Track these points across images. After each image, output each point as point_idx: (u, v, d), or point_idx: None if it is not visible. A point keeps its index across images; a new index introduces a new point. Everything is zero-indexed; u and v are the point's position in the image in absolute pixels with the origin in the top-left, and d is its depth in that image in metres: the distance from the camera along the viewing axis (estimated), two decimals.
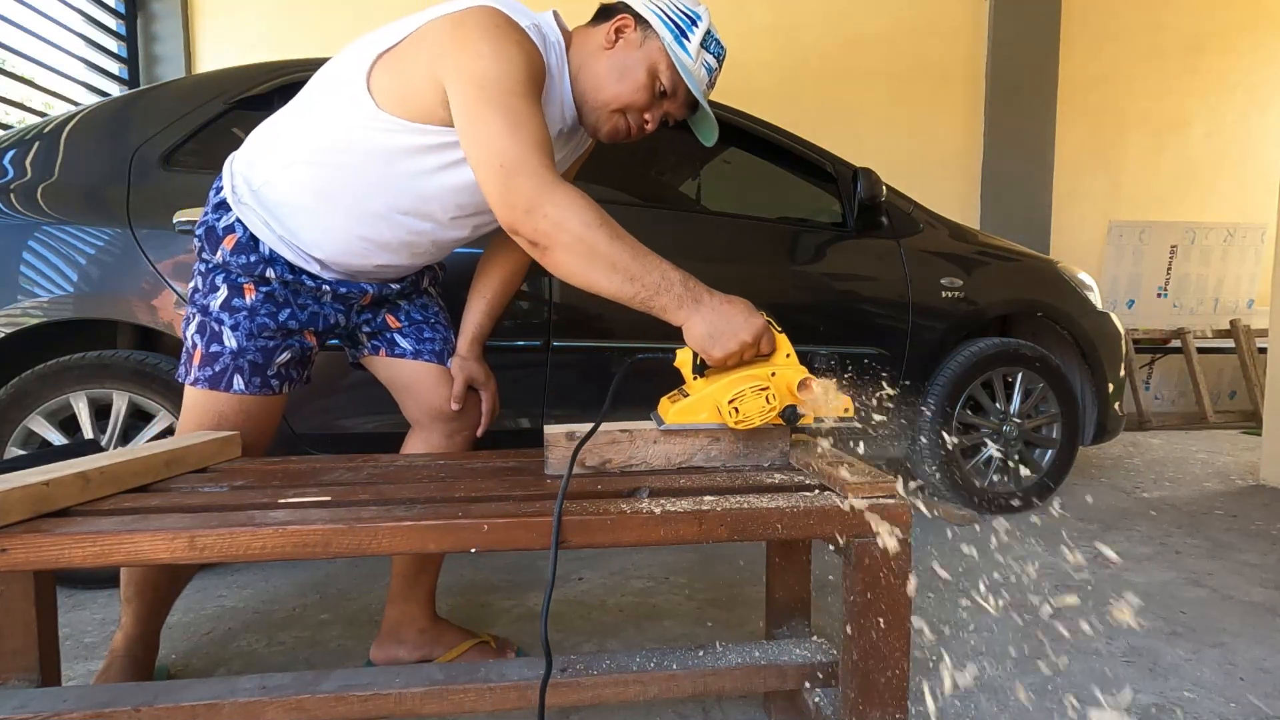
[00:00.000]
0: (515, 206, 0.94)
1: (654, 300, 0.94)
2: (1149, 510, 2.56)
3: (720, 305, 0.94)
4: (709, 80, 1.17)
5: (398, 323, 1.32)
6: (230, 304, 1.16)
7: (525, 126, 0.96)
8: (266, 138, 1.17)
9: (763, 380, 0.94)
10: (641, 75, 1.13)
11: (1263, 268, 4.93)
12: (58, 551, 0.71)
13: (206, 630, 1.58)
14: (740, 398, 0.94)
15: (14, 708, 0.79)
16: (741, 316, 0.94)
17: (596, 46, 1.14)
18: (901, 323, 2.35)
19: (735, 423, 0.94)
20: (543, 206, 0.93)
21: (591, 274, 0.94)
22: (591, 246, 0.93)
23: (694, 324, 0.94)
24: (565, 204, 0.93)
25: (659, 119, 1.19)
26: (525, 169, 0.94)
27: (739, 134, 2.38)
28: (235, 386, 1.16)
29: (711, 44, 1.15)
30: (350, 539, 0.74)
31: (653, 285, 0.94)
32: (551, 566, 0.78)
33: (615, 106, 1.15)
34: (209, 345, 1.16)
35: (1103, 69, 4.67)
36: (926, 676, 1.36)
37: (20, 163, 1.78)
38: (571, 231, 0.93)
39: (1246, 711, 1.24)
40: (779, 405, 0.95)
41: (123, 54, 3.91)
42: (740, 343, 0.93)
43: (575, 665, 0.90)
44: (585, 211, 0.93)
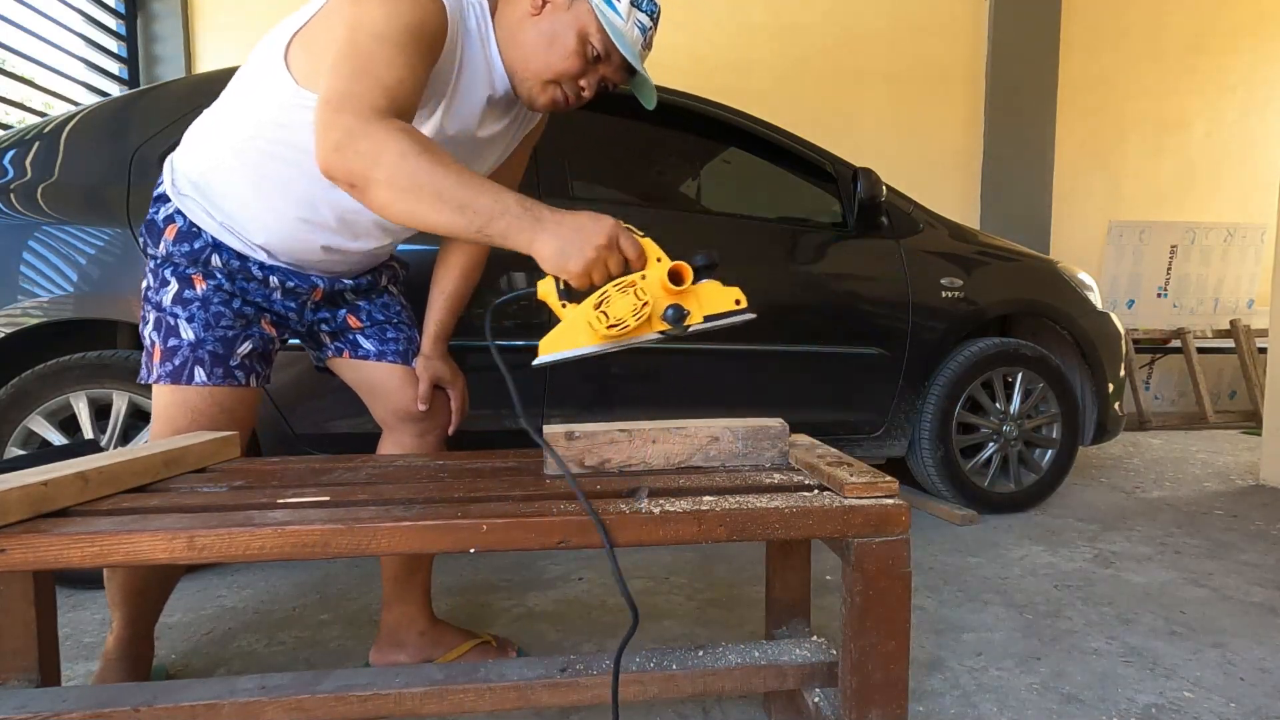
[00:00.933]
0: (327, 143, 0.88)
1: (491, 227, 0.87)
2: (1149, 510, 2.56)
3: (565, 218, 0.88)
4: (644, 40, 1.09)
5: (359, 323, 1.30)
6: (182, 297, 1.14)
7: (375, 70, 0.91)
8: (201, 131, 1.16)
9: (626, 280, 0.87)
10: (571, 41, 1.06)
11: (1263, 268, 4.93)
12: (57, 552, 0.70)
13: (206, 630, 1.58)
14: (606, 300, 0.86)
15: (14, 708, 0.78)
16: (591, 222, 0.87)
17: (523, 14, 1.07)
18: (901, 323, 2.35)
19: (608, 331, 0.86)
20: (354, 142, 0.87)
21: (417, 207, 0.87)
22: (411, 176, 0.86)
23: (541, 245, 0.87)
24: (381, 136, 0.87)
25: (596, 85, 1.12)
26: (349, 104, 0.88)
27: (739, 134, 2.38)
28: (198, 378, 1.13)
29: (643, 2, 1.07)
30: (349, 539, 0.74)
31: (486, 211, 0.86)
32: (610, 558, 0.77)
33: (548, 76, 1.08)
34: (166, 340, 1.14)
35: (1103, 69, 4.67)
36: (926, 676, 1.36)
37: (20, 163, 1.79)
38: (387, 164, 0.86)
39: (1246, 711, 1.24)
40: (654, 302, 0.87)
41: (123, 54, 3.91)
42: (595, 247, 0.86)
43: (575, 665, 0.90)
44: (403, 141, 0.86)
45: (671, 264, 0.89)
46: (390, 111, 0.90)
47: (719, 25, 4.27)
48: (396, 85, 0.92)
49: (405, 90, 0.93)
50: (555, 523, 0.77)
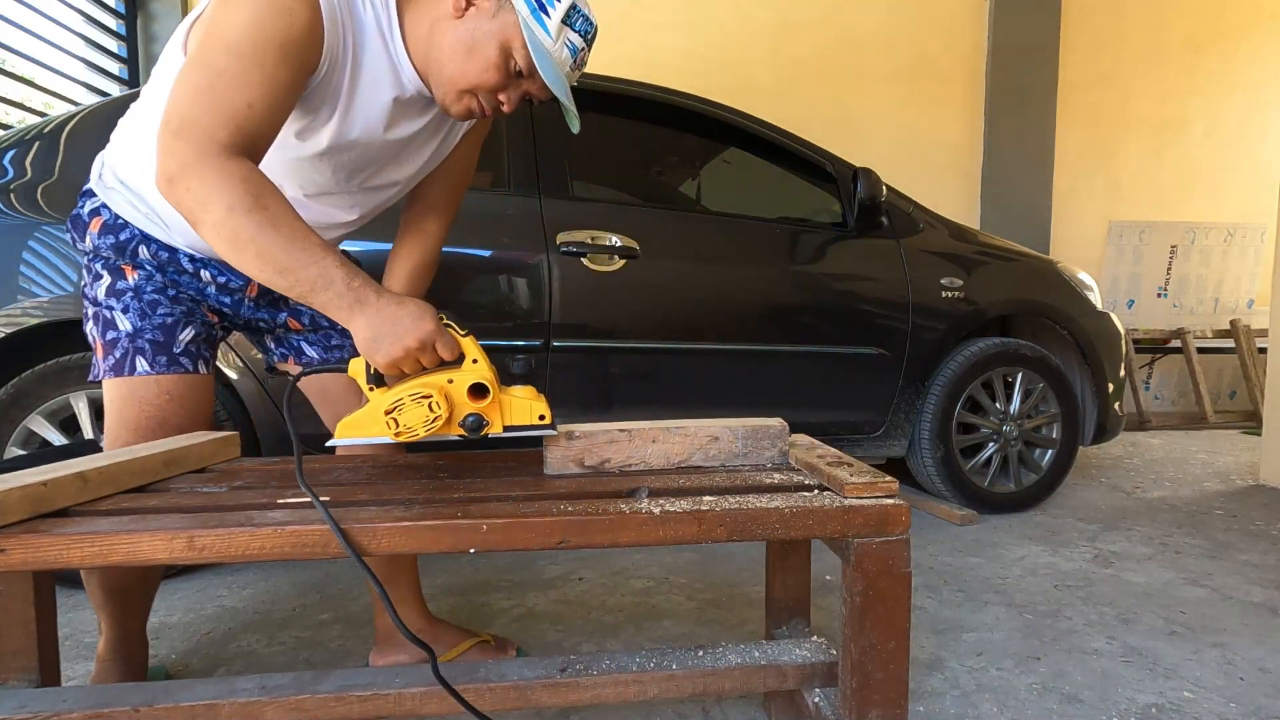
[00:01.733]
0: (161, 172, 0.86)
1: (312, 297, 0.87)
2: (1149, 510, 2.56)
3: (387, 307, 0.87)
4: (574, 61, 1.01)
5: (300, 326, 1.25)
6: (115, 288, 1.11)
7: (220, 88, 0.86)
8: (125, 126, 1.13)
9: (425, 389, 0.87)
10: (492, 53, 0.97)
11: (1263, 268, 4.93)
12: (56, 552, 0.71)
13: (206, 630, 1.58)
14: (399, 408, 0.87)
15: (14, 708, 0.79)
16: (410, 319, 0.86)
17: (444, 13, 0.99)
18: (901, 323, 2.35)
19: (396, 434, 0.87)
20: (187, 179, 0.84)
21: (239, 259, 0.86)
22: (235, 233, 0.84)
23: (358, 327, 0.87)
24: (213, 180, 0.84)
25: (517, 100, 1.05)
26: (189, 133, 0.85)
27: (739, 134, 2.38)
28: (140, 369, 1.09)
29: (577, 20, 0.98)
30: (350, 539, 0.74)
31: (308, 281, 0.86)
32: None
33: (463, 86, 1.00)
34: (105, 334, 1.10)
35: (1103, 69, 4.67)
36: (926, 676, 1.36)
37: (20, 163, 1.79)
38: (214, 213, 0.84)
39: (1246, 711, 1.24)
40: (448, 414, 0.88)
41: (123, 54, 3.91)
42: (404, 348, 0.86)
43: (575, 665, 0.90)
44: (234, 192, 0.84)
45: (478, 378, 0.90)
46: (231, 144, 0.87)
47: (719, 25, 4.27)
48: (244, 110, 0.87)
49: (255, 114, 0.88)
50: (555, 523, 0.77)
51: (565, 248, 2.00)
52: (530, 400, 0.93)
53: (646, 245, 2.08)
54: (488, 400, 0.90)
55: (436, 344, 0.88)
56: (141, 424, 1.11)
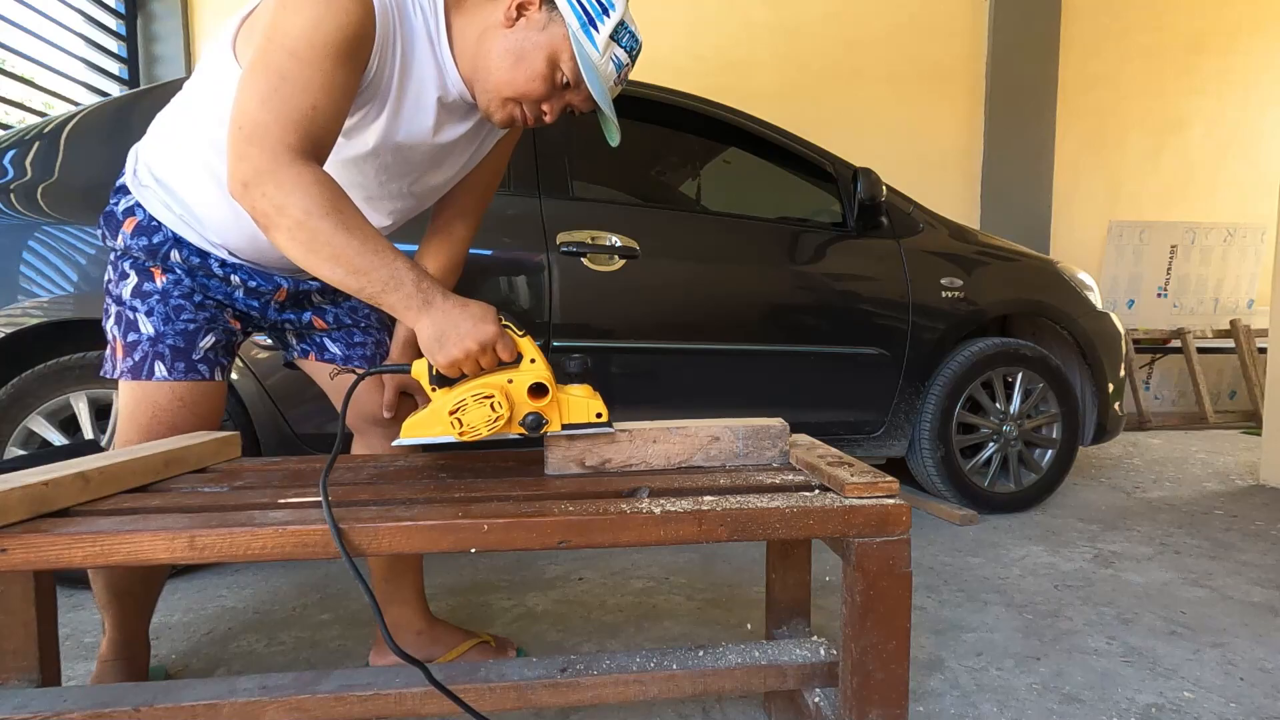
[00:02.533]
0: (236, 177, 0.88)
1: (383, 298, 0.89)
2: (1149, 510, 2.56)
3: (451, 309, 0.89)
4: (617, 76, 1.04)
5: (325, 325, 1.27)
6: (141, 290, 1.11)
7: (287, 93, 0.88)
8: (165, 122, 1.13)
9: (487, 388, 0.89)
10: (540, 63, 1.00)
11: (1263, 268, 4.94)
12: (58, 551, 0.71)
13: (206, 630, 1.58)
14: (462, 408, 0.89)
15: (14, 708, 0.79)
16: (471, 321, 0.89)
17: (494, 21, 1.00)
18: (901, 323, 2.35)
19: (460, 434, 0.89)
20: (264, 184, 0.87)
21: (314, 263, 0.88)
22: (312, 235, 0.87)
23: (423, 327, 0.90)
24: (290, 186, 0.86)
25: (559, 111, 1.07)
26: (262, 140, 0.87)
27: (739, 134, 2.39)
28: (158, 374, 1.10)
29: (624, 36, 1.01)
30: (350, 539, 0.74)
31: (380, 282, 0.89)
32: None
33: (509, 94, 1.02)
34: (126, 334, 1.11)
35: (1103, 69, 4.67)
36: (926, 676, 1.36)
37: (20, 163, 1.79)
38: (291, 216, 0.86)
39: (1246, 711, 1.24)
40: (508, 414, 0.90)
41: (123, 54, 3.91)
42: (465, 349, 0.88)
43: (575, 665, 0.90)
44: (310, 197, 0.87)
45: (537, 377, 0.92)
46: (301, 149, 0.89)
47: (719, 25, 4.27)
48: (310, 113, 0.89)
49: (320, 117, 0.91)
50: (555, 523, 0.77)
51: (565, 248, 2.00)
52: (587, 399, 0.94)
53: (646, 245, 2.08)
54: (547, 399, 0.92)
55: (496, 345, 0.90)
56: (152, 427, 1.12)
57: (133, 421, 1.12)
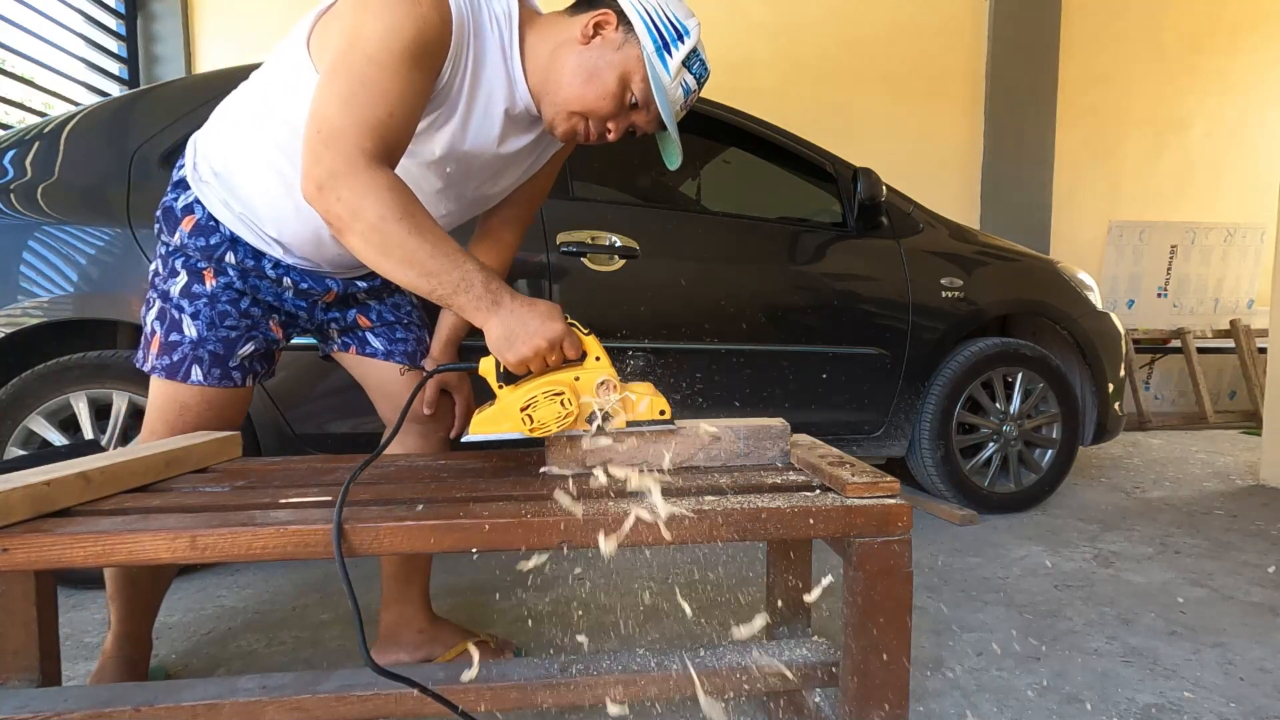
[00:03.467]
0: (311, 179, 0.89)
1: (453, 300, 0.91)
2: (1149, 510, 2.56)
3: (519, 309, 0.91)
4: (684, 101, 1.07)
5: (369, 322, 1.29)
6: (190, 290, 1.12)
7: (365, 98, 0.90)
8: (229, 114, 1.13)
9: (558, 385, 0.91)
10: (611, 82, 1.02)
11: (1263, 268, 4.94)
12: (59, 551, 0.71)
13: (206, 630, 1.58)
14: (534, 404, 0.91)
15: (14, 708, 0.79)
16: (539, 320, 0.90)
17: (570, 38, 1.03)
18: (901, 323, 2.35)
19: (531, 430, 0.91)
20: (339, 188, 0.88)
21: (386, 266, 0.90)
22: (385, 238, 0.88)
23: (491, 327, 0.91)
24: (365, 190, 0.88)
25: (624, 130, 1.09)
26: (339, 144, 0.89)
27: (739, 134, 2.38)
28: (194, 377, 1.12)
29: (695, 63, 1.05)
30: (351, 539, 0.74)
31: (451, 284, 0.90)
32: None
33: (576, 109, 1.04)
34: (168, 333, 1.12)
35: (1103, 69, 4.67)
36: (926, 676, 1.36)
37: (20, 163, 1.79)
38: (366, 220, 0.88)
39: (1246, 711, 1.25)
40: (577, 410, 0.92)
41: (123, 54, 3.90)
42: (534, 347, 0.90)
43: (575, 665, 0.90)
44: (384, 202, 0.88)
45: (604, 373, 0.94)
46: (377, 154, 0.90)
47: (719, 25, 4.26)
48: (386, 119, 0.91)
49: (396, 123, 0.92)
50: (556, 523, 0.77)
51: (565, 247, 2.00)
52: (651, 396, 0.96)
53: (646, 245, 2.08)
54: (613, 396, 0.94)
55: (564, 343, 0.92)
56: (179, 427, 1.15)
57: (162, 417, 1.15)
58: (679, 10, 1.05)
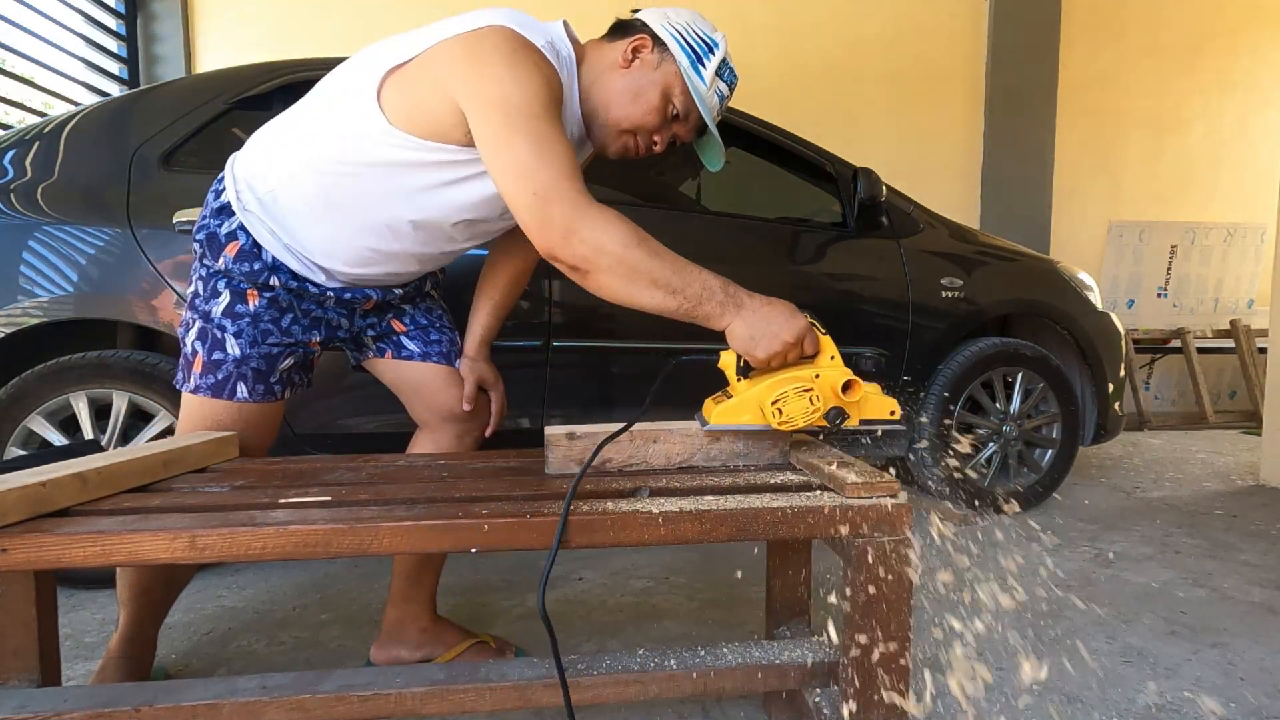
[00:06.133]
0: (553, 234, 0.94)
1: (697, 310, 0.95)
2: (1149, 510, 2.56)
3: (760, 307, 0.95)
4: (719, 107, 1.17)
5: (403, 326, 1.32)
6: (233, 310, 1.15)
7: (552, 151, 0.96)
8: (271, 143, 1.15)
9: (806, 381, 0.94)
10: (655, 98, 1.13)
11: (1263, 268, 4.93)
12: (58, 551, 0.71)
13: (206, 630, 1.58)
14: (784, 399, 0.94)
15: (14, 708, 0.79)
16: (783, 317, 0.94)
17: (611, 64, 1.14)
18: (901, 323, 2.35)
19: (779, 424, 0.94)
20: (580, 232, 0.93)
21: (634, 292, 0.95)
22: (632, 267, 0.93)
23: (736, 327, 0.95)
24: (601, 227, 0.94)
25: (668, 141, 1.19)
26: (559, 195, 0.94)
27: (739, 134, 2.38)
28: (239, 395, 1.16)
29: (726, 72, 1.15)
30: (351, 539, 0.74)
31: (695, 296, 0.94)
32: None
33: (626, 127, 1.15)
34: (211, 353, 1.15)
35: (1103, 69, 4.67)
36: (926, 676, 1.36)
37: (20, 163, 1.79)
38: (611, 254, 0.93)
39: (1246, 711, 1.24)
40: (823, 407, 0.94)
41: (123, 54, 3.90)
42: (783, 343, 0.93)
43: (575, 665, 0.90)
44: (622, 232, 0.94)
45: (846, 374, 0.96)
46: (583, 189, 0.96)
47: (720, 25, 4.25)
48: (570, 159, 0.97)
49: (572, 158, 0.98)
50: (556, 523, 0.77)
51: None
52: (881, 397, 0.98)
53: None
54: (857, 395, 0.96)
55: (806, 340, 0.95)
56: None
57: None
58: (705, 26, 1.16)
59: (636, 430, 0.99)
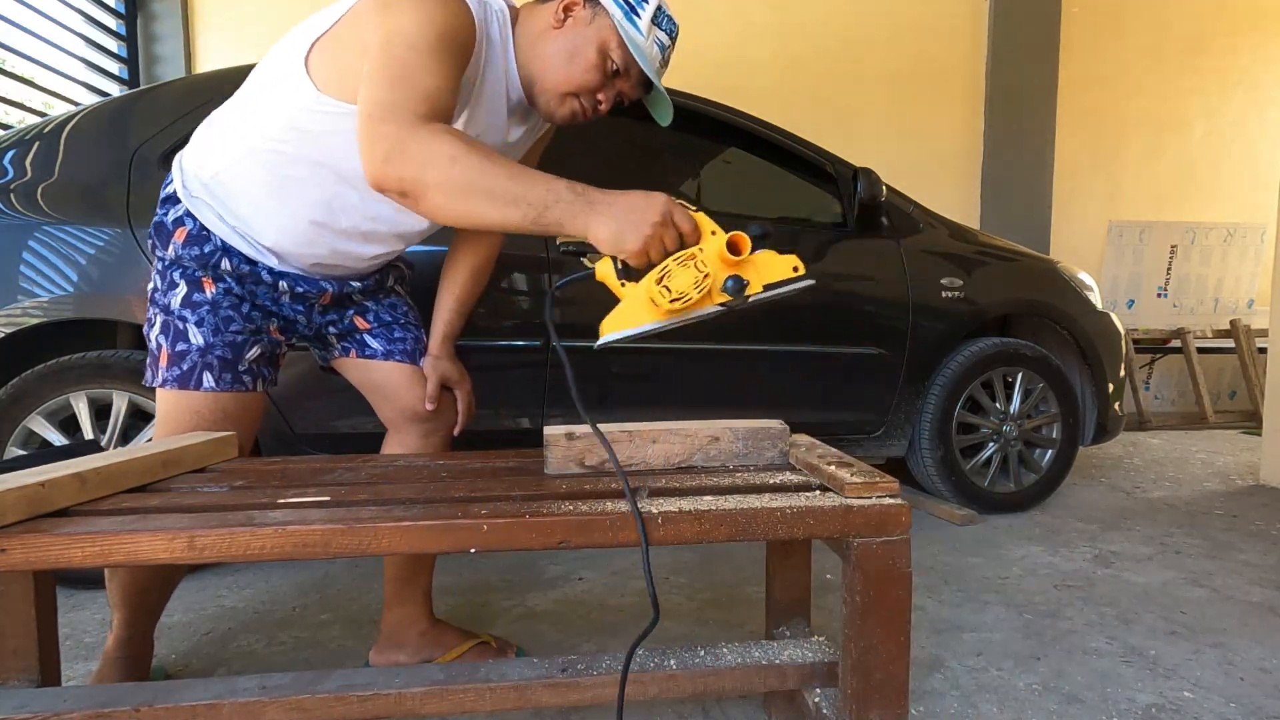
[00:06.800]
0: (375, 157, 0.89)
1: (545, 216, 0.87)
2: (1149, 510, 2.56)
3: (617, 199, 0.88)
4: (662, 58, 1.11)
5: (366, 324, 1.30)
6: (191, 300, 1.13)
7: (413, 79, 0.91)
8: (213, 131, 1.14)
9: (689, 254, 0.87)
10: (592, 55, 1.08)
11: (1263, 268, 4.94)
12: (57, 552, 0.70)
13: (206, 630, 1.58)
14: (667, 275, 0.86)
15: (14, 708, 0.78)
16: (643, 200, 0.88)
17: (545, 25, 1.10)
18: (901, 323, 2.35)
19: (670, 305, 0.86)
20: (404, 150, 0.87)
21: (471, 209, 0.88)
22: (463, 180, 0.87)
23: (596, 227, 0.88)
24: (427, 140, 0.87)
25: (613, 99, 1.14)
26: (392, 115, 0.89)
27: (739, 134, 2.38)
28: (205, 384, 1.13)
29: (663, 20, 1.09)
30: (350, 539, 0.74)
31: (539, 202, 0.87)
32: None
33: (567, 90, 1.10)
34: (174, 344, 1.13)
35: (1103, 69, 4.67)
36: (926, 676, 1.36)
37: (20, 163, 1.78)
38: (439, 167, 0.87)
39: (1246, 711, 1.24)
40: (715, 274, 0.87)
41: (123, 54, 3.91)
42: (652, 224, 0.87)
43: (575, 665, 0.90)
44: (450, 144, 0.87)
45: (728, 235, 0.88)
46: (431, 117, 0.91)
47: (719, 25, 4.27)
48: (435, 92, 0.93)
49: (443, 96, 0.94)
50: (556, 523, 0.77)
51: (565, 247, 2.00)
52: (779, 255, 0.91)
53: None
54: (744, 257, 0.88)
55: (675, 216, 0.89)
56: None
57: (175, 429, 1.14)
58: None
59: (636, 430, 0.99)
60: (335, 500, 0.84)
